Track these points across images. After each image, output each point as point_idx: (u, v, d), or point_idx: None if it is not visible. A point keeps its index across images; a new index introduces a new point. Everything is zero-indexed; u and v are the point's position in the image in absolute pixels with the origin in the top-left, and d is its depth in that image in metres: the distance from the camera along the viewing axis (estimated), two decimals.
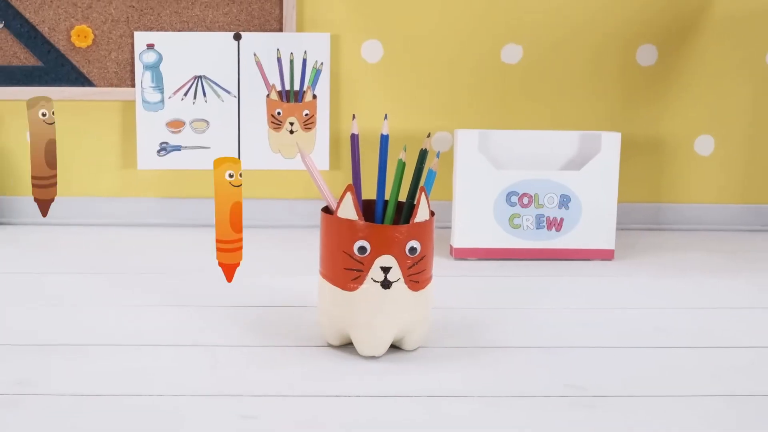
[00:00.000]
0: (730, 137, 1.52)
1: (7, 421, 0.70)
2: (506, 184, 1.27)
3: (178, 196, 1.47)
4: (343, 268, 0.84)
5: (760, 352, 0.90)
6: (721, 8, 1.47)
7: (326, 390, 0.78)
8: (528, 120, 1.49)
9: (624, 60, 1.49)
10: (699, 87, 1.50)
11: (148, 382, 0.78)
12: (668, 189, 1.53)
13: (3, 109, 1.44)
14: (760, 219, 1.55)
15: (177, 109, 1.44)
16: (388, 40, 1.46)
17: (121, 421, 0.70)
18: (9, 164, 1.46)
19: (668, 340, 0.94)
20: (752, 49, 1.50)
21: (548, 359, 0.87)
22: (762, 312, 1.05)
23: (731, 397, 0.78)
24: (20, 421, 0.70)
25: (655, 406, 0.76)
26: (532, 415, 0.74)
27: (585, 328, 0.97)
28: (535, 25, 1.46)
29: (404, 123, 1.47)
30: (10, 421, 0.70)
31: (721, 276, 1.21)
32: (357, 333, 0.85)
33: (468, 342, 0.92)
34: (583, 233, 1.28)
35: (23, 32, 1.41)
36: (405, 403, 0.75)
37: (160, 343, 0.89)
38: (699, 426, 0.72)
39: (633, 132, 1.50)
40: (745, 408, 0.76)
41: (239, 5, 1.42)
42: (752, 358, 0.89)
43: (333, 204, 0.87)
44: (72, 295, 1.04)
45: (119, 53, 1.42)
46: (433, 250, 0.87)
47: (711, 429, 0.71)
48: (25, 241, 1.34)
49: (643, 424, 0.72)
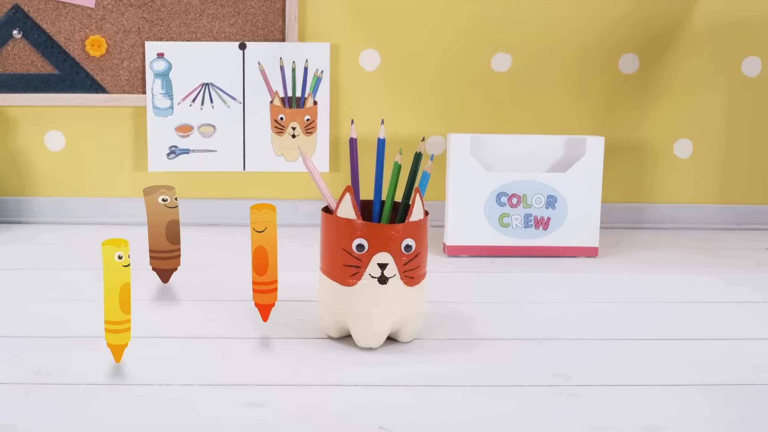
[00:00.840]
0: (707, 141, 1.53)
1: (27, 408, 0.70)
2: (496, 185, 1.27)
3: (186, 196, 1.47)
4: (342, 264, 0.84)
5: (734, 344, 0.91)
6: (699, 20, 1.48)
7: (327, 379, 0.78)
8: (516, 125, 1.49)
9: (607, 68, 1.49)
10: (678, 94, 1.51)
11: (159, 372, 0.78)
12: (649, 190, 1.53)
13: (21, 115, 1.44)
14: (735, 218, 1.55)
15: (185, 114, 1.44)
16: (385, 50, 1.46)
17: (133, 408, 0.71)
18: (27, 167, 1.46)
19: (648, 332, 0.94)
20: (728, 59, 1.50)
21: (535, 350, 0.87)
22: (736, 306, 1.05)
23: (706, 386, 0.78)
24: (38, 409, 0.70)
25: (634, 394, 0.76)
26: (519, 402, 0.74)
27: (570, 320, 0.98)
28: (523, 35, 1.47)
29: (400, 128, 1.48)
30: (30, 408, 0.70)
31: (698, 272, 1.21)
32: (355, 325, 0.85)
33: (460, 334, 0.92)
34: (569, 232, 1.28)
35: (40, 42, 1.41)
36: (400, 391, 0.76)
37: (171, 335, 0.89)
38: (676, 413, 0.72)
39: (616, 136, 1.50)
40: (719, 396, 0.76)
41: (244, 17, 1.42)
42: (726, 349, 0.89)
43: (333, 204, 0.88)
44: (88, 290, 1.04)
45: (131, 62, 1.42)
46: (428, 247, 0.87)
47: (687, 416, 0.72)
48: (44, 239, 1.34)
49: (624, 411, 0.73)
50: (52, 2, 1.40)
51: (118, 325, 0.75)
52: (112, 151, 1.46)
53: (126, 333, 0.76)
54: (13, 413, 0.69)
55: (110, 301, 0.74)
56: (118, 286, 0.74)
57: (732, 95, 1.51)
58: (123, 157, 1.47)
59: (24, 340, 0.86)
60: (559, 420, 0.70)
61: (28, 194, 1.47)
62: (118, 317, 0.75)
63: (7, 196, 1.46)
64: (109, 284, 0.74)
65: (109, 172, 1.47)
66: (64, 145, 1.46)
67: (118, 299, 0.74)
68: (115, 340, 0.76)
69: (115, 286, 0.74)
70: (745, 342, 0.91)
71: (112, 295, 0.74)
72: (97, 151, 1.46)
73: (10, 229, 1.41)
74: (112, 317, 0.75)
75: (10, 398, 0.72)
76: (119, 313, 0.75)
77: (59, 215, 1.47)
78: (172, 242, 1.05)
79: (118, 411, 0.70)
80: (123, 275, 0.74)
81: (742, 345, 0.90)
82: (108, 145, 1.46)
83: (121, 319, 0.75)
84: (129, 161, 1.47)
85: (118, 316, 0.75)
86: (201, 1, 1.41)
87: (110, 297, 0.74)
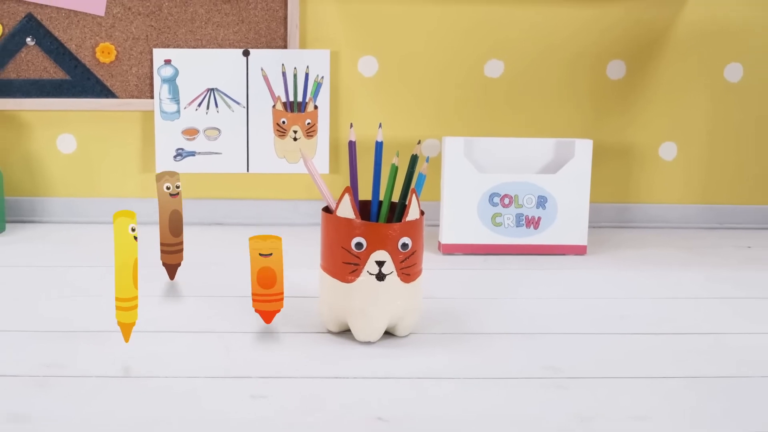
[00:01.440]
0: (691, 144, 1.53)
1: (38, 400, 0.70)
2: (489, 186, 1.27)
3: (192, 197, 1.47)
4: (341, 262, 0.84)
5: (717, 338, 0.91)
6: (683, 28, 1.48)
7: (327, 372, 0.78)
8: (508, 128, 1.49)
9: (595, 74, 1.49)
10: (663, 98, 1.51)
11: (165, 365, 0.78)
12: (635, 191, 1.53)
13: (34, 119, 1.44)
14: (717, 218, 1.55)
15: (191, 118, 1.43)
16: (383, 57, 1.46)
17: (141, 400, 0.71)
18: (40, 169, 1.46)
19: (634, 327, 0.94)
20: (711, 65, 1.50)
21: (526, 344, 0.87)
22: (718, 301, 1.05)
23: (690, 379, 0.78)
24: (48, 400, 0.70)
25: (622, 385, 0.76)
26: (511, 393, 0.74)
27: (560, 316, 0.98)
28: (515, 42, 1.47)
29: (397, 131, 1.47)
30: (41, 400, 0.70)
31: (682, 269, 1.21)
32: (354, 321, 0.85)
33: (454, 329, 0.92)
34: (559, 230, 1.29)
35: (53, 49, 1.40)
36: (397, 384, 0.76)
37: (177, 330, 0.89)
38: (661, 404, 0.72)
39: (603, 139, 1.50)
40: (703, 388, 0.76)
41: (248, 25, 1.42)
42: (709, 343, 0.89)
43: (332, 204, 0.88)
44: (97, 286, 1.04)
45: (139, 68, 1.42)
46: (423, 245, 0.87)
47: (672, 407, 0.72)
48: (55, 237, 1.34)
49: (612, 402, 0.73)
50: (64, 11, 1.40)
51: (129, 302, 0.72)
52: (122, 153, 1.46)
53: (135, 311, 0.73)
54: (26, 404, 0.69)
55: (122, 278, 0.70)
56: (131, 261, 0.70)
57: (715, 100, 1.51)
58: (132, 159, 1.47)
59: (36, 334, 0.86)
60: (550, 410, 0.71)
61: (41, 195, 1.47)
62: (129, 293, 0.71)
63: (21, 197, 1.46)
64: (121, 259, 0.70)
65: (119, 173, 1.47)
66: (75, 148, 1.46)
67: (131, 274, 0.71)
68: (126, 318, 0.73)
69: (128, 261, 0.70)
70: (727, 336, 0.91)
71: (125, 271, 0.70)
72: (107, 154, 1.46)
73: (24, 228, 1.41)
74: (124, 294, 0.71)
75: (23, 390, 0.72)
76: (131, 289, 0.71)
77: (71, 215, 1.47)
78: (174, 234, 1.02)
79: (126, 402, 0.70)
80: (134, 249, 0.70)
81: (724, 339, 0.90)
82: (117, 148, 1.46)
83: (132, 295, 0.72)
84: (137, 163, 1.47)
85: (129, 293, 0.71)
86: (206, 9, 1.41)
87: (123, 272, 0.70)
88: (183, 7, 1.41)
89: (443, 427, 0.67)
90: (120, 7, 1.40)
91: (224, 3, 1.41)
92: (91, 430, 0.65)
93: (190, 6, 1.41)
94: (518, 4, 1.45)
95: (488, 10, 1.45)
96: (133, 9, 1.40)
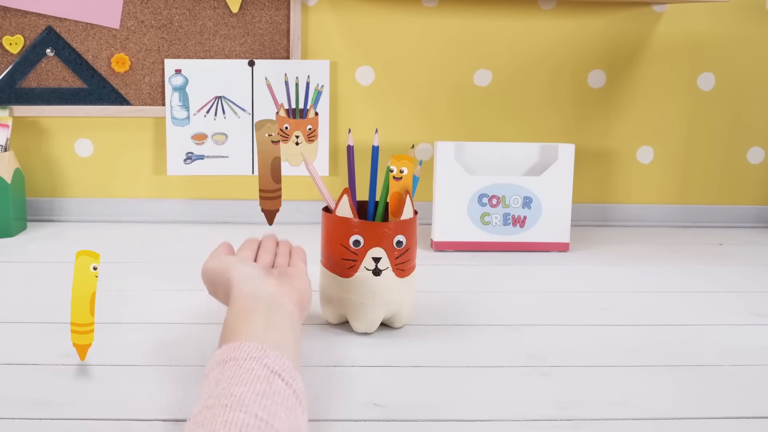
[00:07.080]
0: (667, 148, 1.53)
1: (56, 386, 0.70)
2: (478, 188, 1.27)
3: (201, 197, 1.47)
4: (340, 258, 0.84)
5: (690, 329, 0.91)
6: (658, 40, 1.48)
7: (326, 361, 0.78)
8: (496, 133, 1.49)
9: (577, 83, 1.49)
10: (640, 106, 1.51)
11: (178, 355, 0.78)
12: (614, 191, 1.54)
13: (54, 124, 1.44)
14: (691, 217, 1.55)
15: (200, 124, 1.43)
16: (379, 66, 1.46)
17: (155, 387, 0.71)
18: (59, 171, 1.46)
19: (614, 319, 0.94)
20: (686, 74, 1.50)
21: (512, 334, 0.88)
22: (692, 295, 1.06)
23: (667, 367, 0.79)
24: (66, 387, 0.70)
25: (602, 373, 0.77)
26: (498, 380, 0.74)
27: (543, 308, 0.98)
28: (502, 53, 1.47)
29: (392, 136, 1.47)
30: (59, 387, 0.70)
31: (659, 265, 1.22)
32: (352, 313, 0.85)
33: (446, 320, 0.92)
34: (543, 229, 1.29)
35: (71, 59, 1.40)
36: (392, 372, 0.76)
37: (188, 322, 0.89)
38: (639, 390, 0.72)
39: (585, 143, 1.51)
40: (679, 375, 0.76)
41: (253, 37, 1.42)
42: (684, 333, 0.89)
43: (332, 204, 0.88)
44: (113, 281, 1.04)
45: (152, 77, 1.42)
46: (417, 243, 0.87)
47: (650, 393, 0.72)
48: (74, 236, 1.34)
49: (592, 388, 0.73)
50: (82, 24, 1.39)
51: (85, 327, 0.74)
52: (135, 157, 1.46)
53: (90, 334, 0.74)
54: (45, 391, 0.69)
55: (79, 307, 0.73)
56: (88, 294, 0.73)
57: (689, 107, 1.51)
58: (145, 163, 1.46)
59: (55, 325, 0.86)
60: (534, 397, 0.71)
61: (59, 195, 1.47)
62: (85, 320, 0.73)
63: (42, 197, 1.46)
64: (78, 292, 0.72)
65: (132, 175, 1.47)
66: (92, 152, 1.46)
67: (87, 305, 0.73)
68: (81, 340, 0.74)
69: (86, 294, 0.73)
70: (702, 327, 0.92)
71: (81, 301, 0.73)
72: (122, 157, 1.46)
73: (44, 226, 1.40)
74: (80, 320, 0.73)
75: (42, 378, 0.72)
76: (87, 316, 0.73)
77: (87, 214, 1.47)
78: (276, 181, 0.98)
79: (140, 390, 0.70)
80: (93, 284, 0.73)
81: (699, 330, 0.91)
82: (131, 152, 1.46)
83: (88, 321, 0.73)
84: (150, 166, 1.47)
85: (85, 319, 0.73)
86: (214, 23, 1.41)
87: (80, 303, 0.73)
88: (192, 21, 1.40)
89: (435, 411, 0.67)
90: (134, 20, 1.40)
91: (231, 17, 1.41)
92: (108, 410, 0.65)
93: (199, 20, 1.40)
94: (505, 17, 1.45)
95: (477, 23, 1.45)
96: (146, 22, 1.40)
